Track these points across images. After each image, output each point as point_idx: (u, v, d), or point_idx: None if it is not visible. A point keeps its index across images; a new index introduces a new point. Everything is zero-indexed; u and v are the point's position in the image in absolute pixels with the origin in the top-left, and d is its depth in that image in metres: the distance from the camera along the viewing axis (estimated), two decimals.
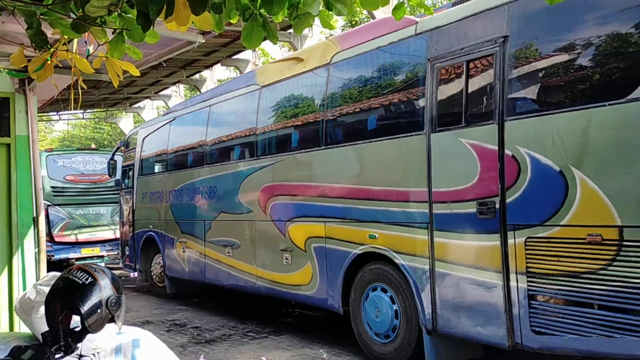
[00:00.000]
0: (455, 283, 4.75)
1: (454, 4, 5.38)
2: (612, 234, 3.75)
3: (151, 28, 2.37)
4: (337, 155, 6.13)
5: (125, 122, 29.05)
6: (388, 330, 5.46)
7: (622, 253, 3.70)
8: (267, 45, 22.87)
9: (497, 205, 4.41)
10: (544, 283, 4.13)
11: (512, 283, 4.30)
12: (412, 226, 5.15)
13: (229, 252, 7.86)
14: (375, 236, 5.52)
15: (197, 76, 23.19)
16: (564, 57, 4.28)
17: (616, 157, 3.79)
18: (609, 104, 3.84)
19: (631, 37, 3.86)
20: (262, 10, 2.54)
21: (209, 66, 21.25)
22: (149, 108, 28.02)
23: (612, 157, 3.81)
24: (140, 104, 27.72)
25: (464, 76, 4.80)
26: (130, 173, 11.19)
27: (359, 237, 5.74)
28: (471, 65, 4.78)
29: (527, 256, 4.22)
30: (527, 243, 4.22)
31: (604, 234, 3.78)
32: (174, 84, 23.93)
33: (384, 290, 5.53)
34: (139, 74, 3.00)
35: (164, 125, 10.12)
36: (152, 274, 10.39)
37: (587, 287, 3.88)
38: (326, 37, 10.45)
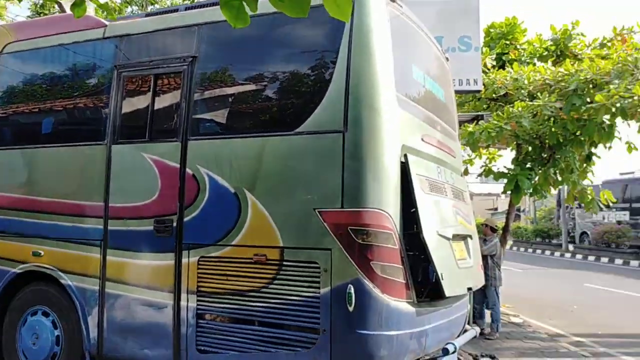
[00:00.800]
0: (126, 304, 4.51)
1: (147, 15, 5.23)
2: (274, 255, 4.03)
3: None
4: (1, 159, 5.32)
5: None
6: (46, 358, 4.86)
7: (281, 272, 3.99)
8: None
9: (175, 224, 4.37)
10: (212, 302, 4.20)
11: (183, 303, 4.27)
12: (83, 243, 4.74)
13: None
14: (40, 253, 4.92)
15: None
16: (247, 87, 4.52)
17: (282, 183, 4.11)
18: (280, 135, 4.18)
19: (306, 77, 4.29)
20: None
21: None
22: None
23: (279, 183, 4.12)
24: None
25: (151, 90, 4.67)
26: None
27: (21, 254, 5.03)
28: (159, 80, 4.69)
29: (199, 275, 4.25)
30: (200, 262, 4.26)
31: (269, 254, 4.04)
32: None
33: (46, 314, 4.94)
34: None
35: None
36: None
37: (251, 304, 4.06)
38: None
